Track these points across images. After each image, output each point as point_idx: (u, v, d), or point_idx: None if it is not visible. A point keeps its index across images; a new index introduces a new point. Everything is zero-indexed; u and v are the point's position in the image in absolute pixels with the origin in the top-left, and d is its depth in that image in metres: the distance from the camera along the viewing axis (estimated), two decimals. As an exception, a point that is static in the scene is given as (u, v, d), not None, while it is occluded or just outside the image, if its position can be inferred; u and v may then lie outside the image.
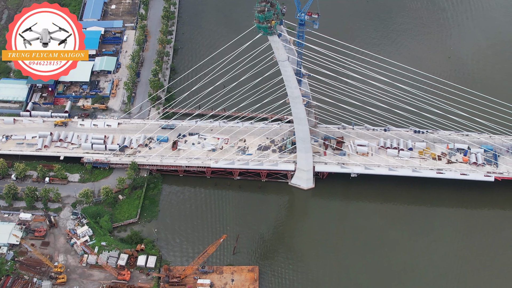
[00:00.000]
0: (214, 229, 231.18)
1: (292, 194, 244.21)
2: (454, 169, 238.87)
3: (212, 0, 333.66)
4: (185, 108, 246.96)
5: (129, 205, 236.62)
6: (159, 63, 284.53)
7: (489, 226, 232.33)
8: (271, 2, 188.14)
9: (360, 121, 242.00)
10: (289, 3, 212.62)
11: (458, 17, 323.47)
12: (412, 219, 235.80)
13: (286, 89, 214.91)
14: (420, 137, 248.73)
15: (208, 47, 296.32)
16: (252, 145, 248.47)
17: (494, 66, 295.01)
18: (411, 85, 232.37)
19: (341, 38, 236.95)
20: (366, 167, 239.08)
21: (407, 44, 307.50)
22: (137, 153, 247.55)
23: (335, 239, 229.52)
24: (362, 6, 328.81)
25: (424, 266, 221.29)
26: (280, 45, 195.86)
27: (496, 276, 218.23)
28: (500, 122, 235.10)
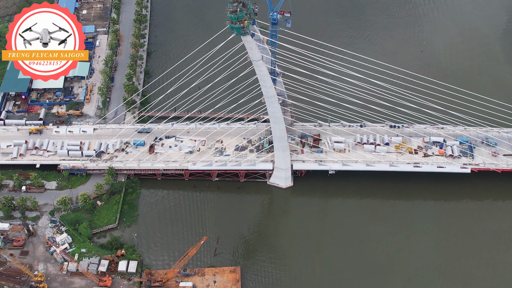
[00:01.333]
0: (194, 231, 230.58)
1: (271, 193, 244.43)
2: (430, 162, 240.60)
3: (184, 2, 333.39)
4: (160, 111, 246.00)
5: (107, 210, 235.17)
6: (133, 67, 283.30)
7: (467, 217, 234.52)
8: (243, 2, 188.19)
9: (336, 118, 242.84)
10: (261, 2, 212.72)
11: (430, 11, 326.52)
12: (392, 213, 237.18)
13: (261, 89, 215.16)
14: (396, 132, 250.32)
15: (181, 49, 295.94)
16: (229, 146, 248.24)
17: (467, 58, 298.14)
18: (386, 81, 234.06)
19: (314, 36, 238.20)
20: (343, 164, 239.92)
21: (380, 39, 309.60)
22: (114, 158, 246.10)
23: (316, 236, 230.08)
24: (334, 3, 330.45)
25: (405, 259, 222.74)
26: (253, 45, 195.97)
27: (477, 266, 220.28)
28: (474, 114, 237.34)
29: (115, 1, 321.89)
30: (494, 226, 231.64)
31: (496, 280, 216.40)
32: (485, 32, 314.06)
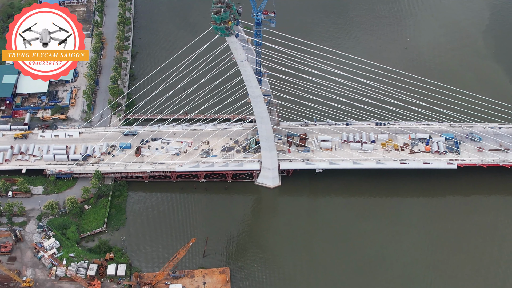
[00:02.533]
0: (182, 233, 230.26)
1: (259, 193, 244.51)
2: (417, 159, 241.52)
3: (167, 4, 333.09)
4: (146, 114, 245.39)
5: (95, 214, 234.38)
6: (118, 70, 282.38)
7: (455, 212, 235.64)
8: (226, 3, 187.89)
9: (322, 116, 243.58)
10: (245, 2, 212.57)
11: (413, 8, 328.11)
12: (379, 210, 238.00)
13: (247, 89, 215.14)
14: (382, 129, 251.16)
15: (166, 51, 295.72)
16: (216, 147, 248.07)
17: (451, 54, 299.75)
18: (371, 78, 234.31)
19: (298, 35, 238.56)
20: (330, 162, 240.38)
21: (365, 37, 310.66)
22: (100, 161, 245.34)
23: (304, 235, 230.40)
24: (318, 2, 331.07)
25: (394, 255, 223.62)
26: (238, 45, 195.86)
27: (465, 260, 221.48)
28: (459, 110, 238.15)
29: (98, 4, 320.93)
30: (481, 220, 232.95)
31: (485, 274, 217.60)
32: (468, 28, 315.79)
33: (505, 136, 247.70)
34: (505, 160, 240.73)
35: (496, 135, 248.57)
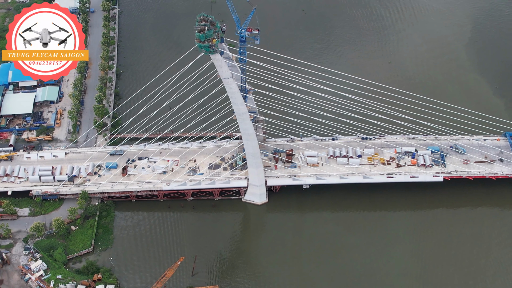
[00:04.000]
0: (171, 252, 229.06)
1: (247, 210, 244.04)
2: (403, 173, 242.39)
3: (151, 22, 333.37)
4: (132, 133, 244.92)
5: (82, 235, 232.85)
6: (103, 90, 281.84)
7: (442, 224, 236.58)
8: (210, 21, 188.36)
9: (308, 132, 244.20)
10: (229, 20, 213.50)
11: (396, 23, 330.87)
12: (367, 224, 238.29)
13: (233, 106, 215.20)
14: (368, 144, 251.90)
15: (151, 70, 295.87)
16: (203, 165, 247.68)
17: (434, 68, 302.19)
18: (355, 93, 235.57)
19: (283, 51, 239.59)
20: (317, 178, 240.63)
21: (348, 52, 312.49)
22: (86, 181, 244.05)
23: (293, 250, 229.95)
24: (301, 18, 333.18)
25: (383, 268, 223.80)
26: (223, 62, 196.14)
27: (454, 272, 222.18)
28: (444, 123, 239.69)
29: (82, 24, 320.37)
30: (468, 232, 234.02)
31: (473, 285, 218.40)
32: (451, 41, 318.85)
33: (490, 148, 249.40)
34: (490, 172, 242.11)
35: (481, 147, 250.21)
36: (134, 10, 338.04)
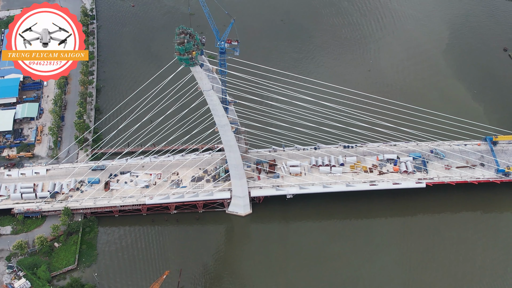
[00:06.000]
0: (156, 266, 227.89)
1: (231, 222, 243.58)
2: (386, 180, 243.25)
3: (130, 36, 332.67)
4: (114, 148, 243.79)
5: (66, 252, 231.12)
6: (83, 105, 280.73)
7: (426, 229, 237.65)
8: (189, 34, 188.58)
9: (290, 142, 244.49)
10: (208, 32, 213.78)
11: (375, 31, 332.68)
12: (351, 231, 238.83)
13: (214, 118, 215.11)
14: (350, 152, 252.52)
15: (131, 83, 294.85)
16: (186, 177, 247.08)
17: (413, 75, 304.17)
18: (336, 102, 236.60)
19: (263, 62, 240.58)
20: (300, 187, 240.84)
21: (328, 61, 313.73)
22: (69, 198, 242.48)
23: (278, 260, 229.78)
24: (280, 28, 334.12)
25: (368, 275, 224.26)
26: (203, 75, 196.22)
27: (440, 277, 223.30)
28: (425, 129, 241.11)
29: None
30: (452, 236, 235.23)
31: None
32: (429, 48, 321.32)
33: (471, 153, 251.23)
34: (472, 176, 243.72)
35: (462, 152, 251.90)
36: (113, 24, 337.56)
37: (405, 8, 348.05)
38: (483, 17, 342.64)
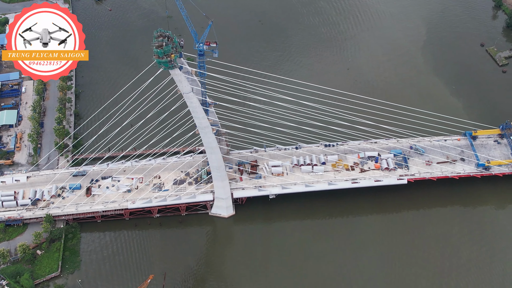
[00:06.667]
0: (140, 270, 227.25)
1: (214, 224, 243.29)
2: (368, 177, 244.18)
3: (108, 40, 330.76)
4: (94, 153, 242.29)
5: (49, 259, 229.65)
6: (62, 111, 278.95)
7: (408, 225, 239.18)
8: (168, 36, 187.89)
9: (271, 142, 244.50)
10: (186, 34, 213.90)
11: (353, 29, 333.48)
12: (335, 229, 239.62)
13: (194, 120, 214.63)
14: (331, 151, 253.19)
15: (110, 88, 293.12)
16: (168, 181, 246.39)
17: (392, 72, 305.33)
18: (316, 101, 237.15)
19: (242, 63, 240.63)
20: (283, 187, 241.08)
21: (307, 61, 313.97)
22: (50, 204, 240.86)
23: (262, 260, 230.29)
24: (258, 29, 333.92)
25: (352, 273, 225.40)
26: (182, 77, 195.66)
27: (422, 271, 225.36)
28: (405, 126, 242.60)
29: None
30: (434, 232, 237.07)
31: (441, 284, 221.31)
32: (407, 45, 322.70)
33: (451, 148, 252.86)
34: (453, 171, 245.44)
35: (442, 148, 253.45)
36: (90, 28, 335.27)
37: (383, 6, 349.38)
38: (460, 13, 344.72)
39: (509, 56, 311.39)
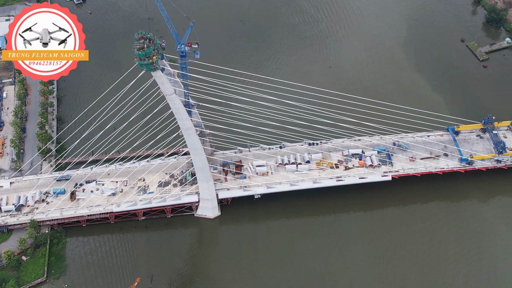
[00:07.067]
0: (126, 273, 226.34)
1: (200, 225, 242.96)
2: (352, 175, 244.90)
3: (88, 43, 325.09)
4: (78, 157, 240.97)
5: (34, 264, 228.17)
6: (44, 115, 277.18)
7: (394, 221, 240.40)
8: (149, 38, 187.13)
9: (255, 142, 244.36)
10: (168, 36, 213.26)
11: (334, 27, 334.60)
12: (320, 227, 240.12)
13: (178, 122, 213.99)
14: (315, 149, 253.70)
15: (92, 91, 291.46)
16: (152, 183, 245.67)
17: (374, 69, 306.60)
18: (299, 100, 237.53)
19: (224, 63, 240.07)
20: (268, 187, 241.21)
21: (288, 59, 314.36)
22: (34, 210, 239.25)
23: (248, 260, 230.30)
24: (240, 29, 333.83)
25: (339, 270, 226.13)
26: (164, 79, 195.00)
27: (409, 267, 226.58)
28: (388, 123, 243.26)
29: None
30: (419, 227, 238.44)
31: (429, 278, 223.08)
32: (388, 42, 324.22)
33: (434, 144, 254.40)
34: (436, 167, 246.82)
35: (426, 144, 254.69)
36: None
37: (363, 4, 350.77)
38: (440, 9, 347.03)
39: (489, 51, 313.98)
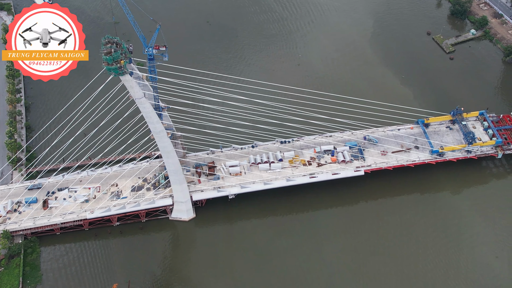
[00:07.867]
0: (103, 280, 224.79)
1: (175, 228, 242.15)
2: (325, 171, 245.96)
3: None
4: (49, 165, 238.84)
5: (9, 275, 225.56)
6: (13, 124, 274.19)
7: (369, 216, 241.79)
8: (116, 42, 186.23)
9: (227, 142, 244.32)
10: (135, 39, 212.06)
11: (300, 24, 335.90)
12: (296, 225, 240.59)
13: (149, 125, 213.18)
14: (287, 147, 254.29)
15: (61, 98, 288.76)
16: (125, 188, 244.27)
17: (342, 66, 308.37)
18: (269, 98, 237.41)
19: (192, 65, 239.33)
20: (242, 186, 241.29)
21: (257, 59, 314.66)
22: (7, 220, 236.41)
23: (225, 261, 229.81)
24: (207, 30, 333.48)
25: (317, 267, 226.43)
26: (133, 83, 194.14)
27: (386, 260, 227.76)
28: (358, 118, 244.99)
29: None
30: (394, 220, 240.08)
31: (407, 271, 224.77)
32: (355, 38, 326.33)
33: (405, 137, 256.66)
34: (408, 160, 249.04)
35: (396, 137, 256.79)
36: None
37: (329, 0, 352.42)
38: (405, 3, 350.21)
39: (455, 43, 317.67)
